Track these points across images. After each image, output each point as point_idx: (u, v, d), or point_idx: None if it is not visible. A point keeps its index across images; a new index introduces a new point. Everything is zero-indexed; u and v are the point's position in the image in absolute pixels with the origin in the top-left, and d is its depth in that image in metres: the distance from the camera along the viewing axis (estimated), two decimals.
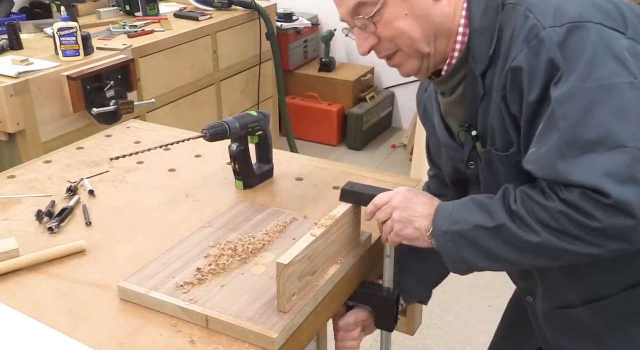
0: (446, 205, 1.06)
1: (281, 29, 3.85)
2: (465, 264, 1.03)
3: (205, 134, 1.35)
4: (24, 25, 2.71)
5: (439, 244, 1.04)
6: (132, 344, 0.98)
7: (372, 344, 2.39)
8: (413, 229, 1.08)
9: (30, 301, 1.08)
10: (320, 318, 1.11)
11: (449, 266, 1.06)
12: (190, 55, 2.94)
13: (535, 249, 0.96)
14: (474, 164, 1.12)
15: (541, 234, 0.94)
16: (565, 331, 1.16)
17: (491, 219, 0.99)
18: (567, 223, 0.92)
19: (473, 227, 1.00)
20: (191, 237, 1.22)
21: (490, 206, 1.00)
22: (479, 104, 1.06)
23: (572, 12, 0.94)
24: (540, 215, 0.94)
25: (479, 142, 1.08)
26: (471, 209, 1.02)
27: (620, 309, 1.08)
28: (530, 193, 0.97)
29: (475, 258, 1.02)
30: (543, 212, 0.94)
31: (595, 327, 1.11)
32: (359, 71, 4.08)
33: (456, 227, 1.02)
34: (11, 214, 1.35)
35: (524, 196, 0.97)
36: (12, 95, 2.10)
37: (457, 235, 1.02)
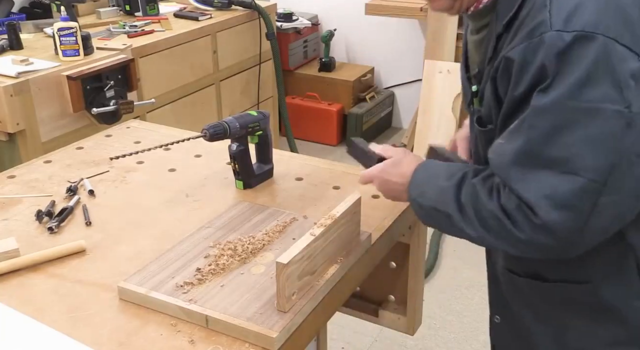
0: (420, 175, 1.12)
1: (281, 29, 3.85)
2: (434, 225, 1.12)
3: (205, 134, 1.35)
4: (24, 25, 2.71)
5: (411, 205, 1.13)
6: (132, 344, 0.98)
7: (372, 344, 2.39)
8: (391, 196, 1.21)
9: (30, 301, 1.08)
10: (320, 318, 1.11)
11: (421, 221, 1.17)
12: (190, 55, 2.94)
13: (473, 241, 1.03)
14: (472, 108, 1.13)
15: (477, 230, 1.00)
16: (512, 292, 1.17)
17: (443, 204, 1.05)
18: (498, 227, 0.97)
19: (430, 207, 1.08)
20: (191, 237, 1.22)
21: (445, 191, 1.05)
22: (488, 59, 1.04)
23: (589, 17, 0.88)
24: (481, 213, 0.99)
25: (477, 99, 1.08)
26: (433, 187, 1.08)
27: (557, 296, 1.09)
28: (479, 189, 1.01)
29: (436, 225, 1.12)
30: (483, 210, 0.99)
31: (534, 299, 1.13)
32: (359, 71, 4.07)
33: (420, 200, 1.10)
34: (11, 214, 1.35)
35: (472, 190, 1.01)
36: (12, 95, 2.10)
37: (420, 206, 1.10)
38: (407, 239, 1.45)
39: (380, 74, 4.22)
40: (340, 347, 2.38)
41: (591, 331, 1.09)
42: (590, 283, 1.04)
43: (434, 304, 2.52)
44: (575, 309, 1.09)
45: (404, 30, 3.95)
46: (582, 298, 1.07)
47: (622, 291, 1.04)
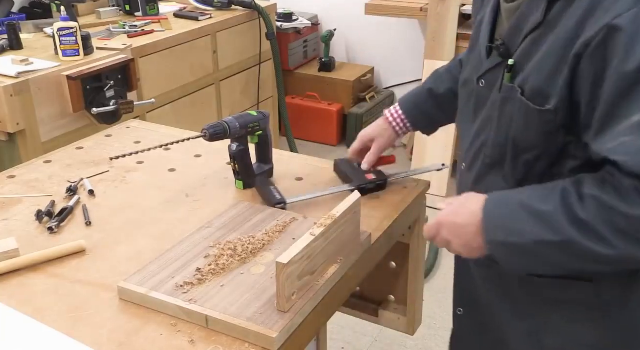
0: (494, 210, 0.96)
1: (281, 29, 3.85)
2: (525, 271, 0.99)
3: (205, 134, 1.35)
4: (24, 25, 2.71)
5: (495, 255, 0.97)
6: (132, 344, 0.98)
7: (372, 344, 2.39)
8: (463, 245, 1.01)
9: (30, 301, 1.08)
10: (320, 318, 1.11)
11: (508, 270, 1.00)
12: (190, 55, 2.94)
13: (606, 260, 0.88)
14: (485, 84, 1.04)
15: (618, 247, 0.85)
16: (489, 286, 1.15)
17: (554, 232, 0.89)
18: None
19: (534, 242, 0.91)
20: (191, 237, 1.22)
21: (549, 216, 0.89)
22: (528, 32, 0.94)
23: None
24: (621, 226, 0.84)
25: (509, 74, 0.97)
26: (526, 217, 0.92)
27: (548, 293, 1.06)
28: (604, 198, 0.85)
29: (536, 268, 0.97)
30: (625, 222, 0.84)
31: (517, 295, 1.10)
32: (359, 71, 4.07)
33: (514, 239, 0.93)
34: (11, 214, 1.35)
35: (596, 203, 0.86)
36: (12, 95, 2.10)
37: (515, 248, 0.94)
38: (407, 239, 1.45)
39: (380, 74, 4.22)
40: (340, 347, 2.38)
41: (573, 331, 1.06)
42: (592, 281, 1.02)
43: (434, 304, 2.52)
44: (563, 307, 1.06)
45: (404, 30, 3.95)
46: (577, 297, 1.04)
47: (622, 293, 1.02)
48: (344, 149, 4.02)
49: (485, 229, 0.96)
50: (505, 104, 0.98)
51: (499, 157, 1.02)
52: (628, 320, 1.04)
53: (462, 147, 1.16)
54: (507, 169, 1.02)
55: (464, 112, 1.14)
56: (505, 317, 1.13)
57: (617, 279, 1.01)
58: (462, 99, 1.16)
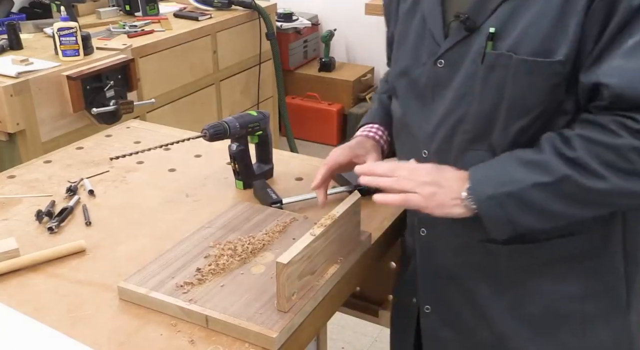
0: (482, 169, 0.98)
1: (281, 29, 3.85)
2: (511, 227, 0.96)
3: (205, 134, 1.35)
4: (24, 25, 2.71)
5: (482, 210, 0.95)
6: (132, 344, 0.98)
7: (372, 344, 2.39)
8: (444, 193, 0.98)
9: (30, 301, 1.08)
10: (320, 318, 1.11)
11: (491, 231, 0.98)
12: (190, 55, 2.94)
13: (599, 197, 0.91)
14: (446, 63, 1.03)
15: (608, 179, 0.88)
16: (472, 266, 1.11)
17: (548, 173, 0.91)
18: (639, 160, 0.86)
19: (528, 186, 0.92)
20: (191, 238, 1.22)
21: (541, 160, 0.92)
22: (501, 1, 0.96)
23: None
24: (607, 157, 0.87)
25: (490, 42, 0.96)
26: (517, 167, 0.94)
27: (540, 256, 1.06)
28: (588, 134, 0.89)
29: (528, 220, 0.95)
30: (610, 152, 0.87)
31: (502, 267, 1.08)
32: (359, 71, 4.08)
33: (505, 188, 0.93)
34: (11, 214, 1.35)
35: (581, 140, 0.90)
36: (12, 95, 2.10)
37: (506, 198, 0.93)
38: None
39: (380, 74, 4.22)
40: (340, 347, 2.39)
41: (555, 291, 1.07)
42: (582, 233, 1.03)
43: None
44: (544, 270, 1.06)
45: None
46: (560, 254, 1.05)
47: (599, 241, 1.05)
48: None
49: (472, 185, 0.96)
50: (491, 72, 0.97)
51: (485, 128, 1.00)
52: (608, 267, 1.07)
53: (415, 136, 1.10)
54: (494, 140, 1.00)
55: (410, 99, 1.10)
56: (484, 297, 1.11)
57: (595, 228, 1.03)
58: (405, 88, 1.12)
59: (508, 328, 1.11)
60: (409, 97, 1.11)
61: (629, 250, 1.09)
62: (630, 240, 1.09)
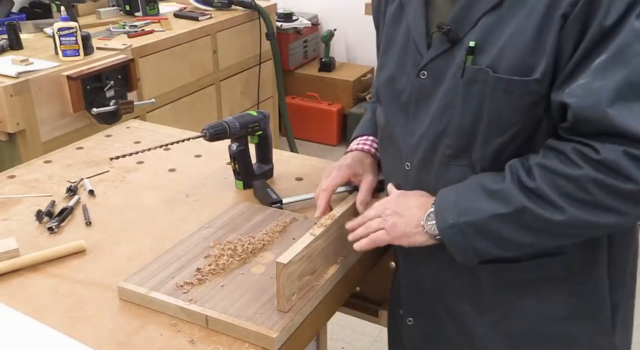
0: (447, 194, 0.98)
1: (281, 29, 3.85)
2: (475, 255, 0.96)
3: (205, 134, 1.35)
4: (24, 25, 2.71)
5: (445, 237, 0.96)
6: (132, 344, 0.98)
7: (372, 344, 2.39)
8: (405, 223, 1.00)
9: (30, 301, 1.08)
10: (320, 318, 1.11)
11: (456, 257, 0.98)
12: (190, 55, 2.94)
13: (558, 229, 0.89)
14: (429, 75, 1.00)
15: (567, 211, 0.87)
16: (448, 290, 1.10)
17: (506, 203, 0.91)
18: (598, 191, 0.85)
19: (487, 217, 0.92)
20: (191, 238, 1.22)
21: (501, 190, 0.91)
22: (485, 12, 0.93)
23: None
24: (566, 189, 0.86)
25: (470, 56, 0.94)
26: (479, 196, 0.93)
27: (522, 276, 1.04)
28: (548, 164, 0.88)
29: (489, 248, 0.95)
30: (569, 184, 0.86)
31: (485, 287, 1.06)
32: (359, 71, 4.08)
33: (466, 218, 0.93)
34: (11, 214, 1.35)
35: (541, 170, 0.89)
36: (12, 95, 2.10)
37: (467, 227, 0.94)
38: None
39: None
40: (340, 347, 2.39)
41: (540, 310, 1.05)
42: (563, 254, 1.01)
43: None
44: (529, 288, 1.04)
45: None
46: (546, 273, 1.03)
47: (587, 263, 1.03)
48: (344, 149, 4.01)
49: (436, 211, 0.97)
50: (471, 87, 0.94)
51: (465, 144, 0.98)
52: (593, 288, 1.05)
53: (398, 147, 1.09)
54: (475, 156, 0.98)
55: (394, 109, 1.08)
56: (467, 314, 1.09)
57: (583, 249, 1.01)
58: (389, 97, 1.10)
59: (492, 346, 1.09)
60: (392, 107, 1.09)
61: (614, 272, 1.06)
62: (615, 261, 1.06)
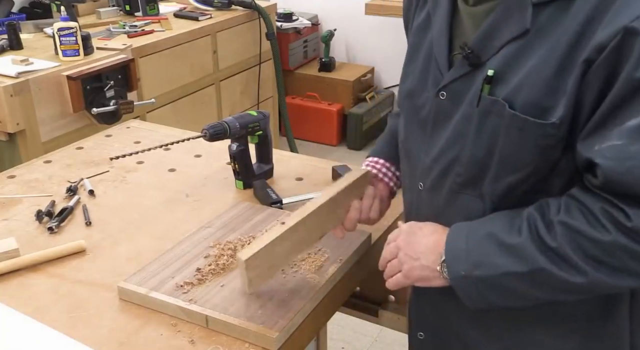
0: (458, 239, 0.92)
1: (281, 29, 3.85)
2: (487, 304, 0.92)
3: (205, 134, 1.35)
4: (24, 25, 2.71)
5: (457, 287, 0.91)
6: (132, 344, 0.98)
7: (372, 344, 2.39)
8: (421, 268, 0.96)
9: (30, 301, 1.08)
10: (320, 318, 1.11)
11: (468, 305, 0.93)
12: (190, 55, 2.94)
13: (577, 289, 0.84)
14: (448, 96, 0.94)
15: (589, 274, 0.81)
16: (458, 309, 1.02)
17: (522, 262, 0.85)
18: (627, 258, 0.79)
19: (501, 274, 0.86)
20: (191, 237, 1.22)
21: (518, 246, 0.85)
22: (509, 40, 0.86)
23: None
24: (591, 252, 0.80)
25: (488, 85, 0.87)
26: (493, 249, 0.87)
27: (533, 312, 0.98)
28: (573, 224, 0.81)
29: (501, 301, 0.90)
30: (595, 247, 0.80)
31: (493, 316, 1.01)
32: (359, 71, 4.08)
33: (479, 272, 0.88)
34: (11, 214, 1.35)
35: (564, 229, 0.82)
36: (12, 95, 2.10)
37: (479, 281, 0.88)
38: None
39: (380, 74, 4.22)
40: (340, 347, 2.39)
41: (553, 345, 1.00)
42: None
43: None
44: (543, 323, 0.99)
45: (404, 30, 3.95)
46: (561, 311, 0.97)
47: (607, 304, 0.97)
48: (344, 149, 4.03)
49: (447, 261, 0.92)
50: (485, 118, 0.88)
51: (476, 175, 0.93)
52: (613, 332, 0.99)
53: (414, 165, 1.04)
54: (485, 189, 0.93)
55: (413, 125, 1.04)
56: (475, 340, 1.05)
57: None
58: (408, 111, 1.05)
59: None
60: (412, 122, 1.04)
61: (637, 316, 0.99)
62: (638, 306, 0.98)
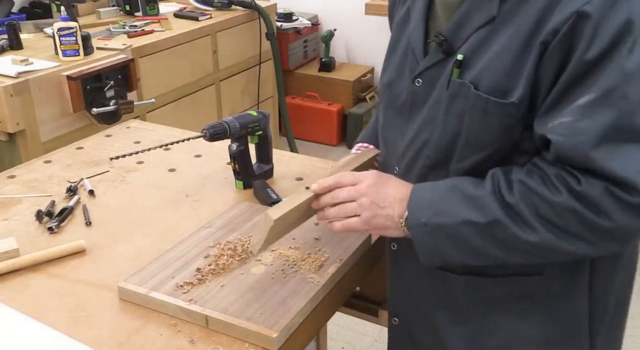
0: (423, 190, 0.96)
1: (281, 29, 3.85)
2: (441, 258, 0.95)
3: (205, 134, 1.35)
4: (24, 25, 2.71)
5: (414, 235, 0.94)
6: (132, 344, 0.98)
7: (372, 344, 2.39)
8: (385, 216, 0.97)
9: (30, 301, 1.08)
10: (320, 318, 1.11)
11: (422, 258, 0.97)
12: (190, 55, 2.94)
13: (528, 248, 0.88)
14: (423, 83, 0.99)
15: (540, 233, 0.86)
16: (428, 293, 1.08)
17: (482, 213, 0.89)
18: (574, 221, 0.84)
19: (460, 222, 0.90)
20: (191, 237, 1.22)
21: (479, 198, 0.89)
22: (477, 27, 0.91)
23: None
24: (543, 211, 0.86)
25: (457, 69, 0.93)
26: (456, 199, 0.91)
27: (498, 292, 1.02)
28: (530, 184, 0.87)
29: (456, 254, 0.93)
30: (547, 207, 0.85)
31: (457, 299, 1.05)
32: (359, 71, 4.08)
33: (439, 219, 0.91)
34: (11, 214, 1.35)
35: (522, 187, 0.87)
36: (12, 95, 2.10)
37: (438, 229, 0.92)
38: None
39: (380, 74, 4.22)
40: (340, 347, 2.39)
41: (516, 328, 1.03)
42: (542, 274, 0.99)
43: None
44: (507, 306, 1.02)
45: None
46: (525, 291, 1.00)
47: (567, 284, 1.00)
48: (344, 149, 4.03)
49: (410, 209, 0.94)
50: (453, 101, 0.93)
51: (443, 157, 0.97)
52: (572, 311, 1.02)
53: (392, 151, 1.09)
54: (451, 169, 0.97)
55: (391, 112, 1.08)
56: (442, 323, 1.08)
57: (564, 270, 0.99)
58: (387, 101, 1.10)
59: None
60: (389, 111, 1.09)
61: (596, 296, 1.02)
62: (597, 285, 1.01)
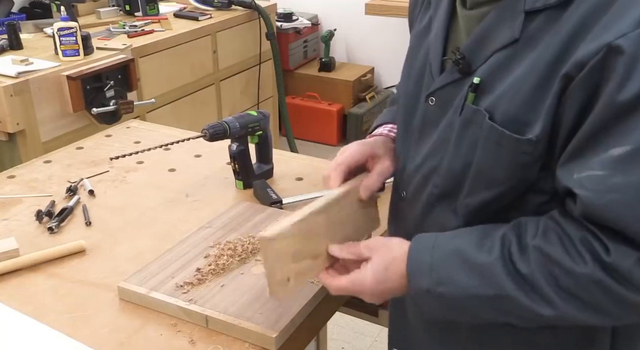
0: (422, 254, 0.84)
1: (281, 29, 3.85)
2: (448, 319, 0.87)
3: (205, 134, 1.35)
4: (24, 25, 2.71)
5: (418, 300, 0.86)
6: (132, 344, 0.98)
7: (372, 344, 2.39)
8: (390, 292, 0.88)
9: (30, 301, 1.08)
10: (320, 318, 1.11)
11: (426, 316, 0.90)
12: (190, 55, 2.94)
13: (544, 321, 0.78)
14: (436, 102, 0.89)
15: (558, 306, 0.76)
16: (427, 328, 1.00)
17: (488, 285, 0.78)
18: (601, 295, 0.73)
19: (465, 296, 0.80)
20: (191, 238, 1.22)
21: (485, 267, 0.79)
22: (498, 48, 0.80)
23: None
24: (563, 283, 0.75)
25: (472, 93, 0.82)
26: (460, 267, 0.81)
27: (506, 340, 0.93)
28: (550, 251, 0.75)
29: (463, 318, 0.86)
30: (568, 279, 0.74)
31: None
32: (359, 71, 4.07)
33: (442, 289, 0.82)
34: (11, 214, 1.35)
35: (539, 256, 0.76)
36: (12, 95, 2.10)
37: (442, 298, 0.82)
38: None
39: (380, 74, 4.22)
40: (340, 347, 2.39)
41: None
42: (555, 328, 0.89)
43: None
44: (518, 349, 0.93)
45: (404, 30, 3.92)
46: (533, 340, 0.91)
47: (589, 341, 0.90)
48: None
49: (410, 273, 0.84)
50: (467, 128, 0.83)
51: (452, 187, 0.88)
52: None
53: (400, 171, 0.99)
54: (459, 204, 0.88)
55: (405, 128, 0.98)
56: None
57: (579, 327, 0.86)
58: (402, 113, 0.99)
59: None
60: (402, 125, 0.99)
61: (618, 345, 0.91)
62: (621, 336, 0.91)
